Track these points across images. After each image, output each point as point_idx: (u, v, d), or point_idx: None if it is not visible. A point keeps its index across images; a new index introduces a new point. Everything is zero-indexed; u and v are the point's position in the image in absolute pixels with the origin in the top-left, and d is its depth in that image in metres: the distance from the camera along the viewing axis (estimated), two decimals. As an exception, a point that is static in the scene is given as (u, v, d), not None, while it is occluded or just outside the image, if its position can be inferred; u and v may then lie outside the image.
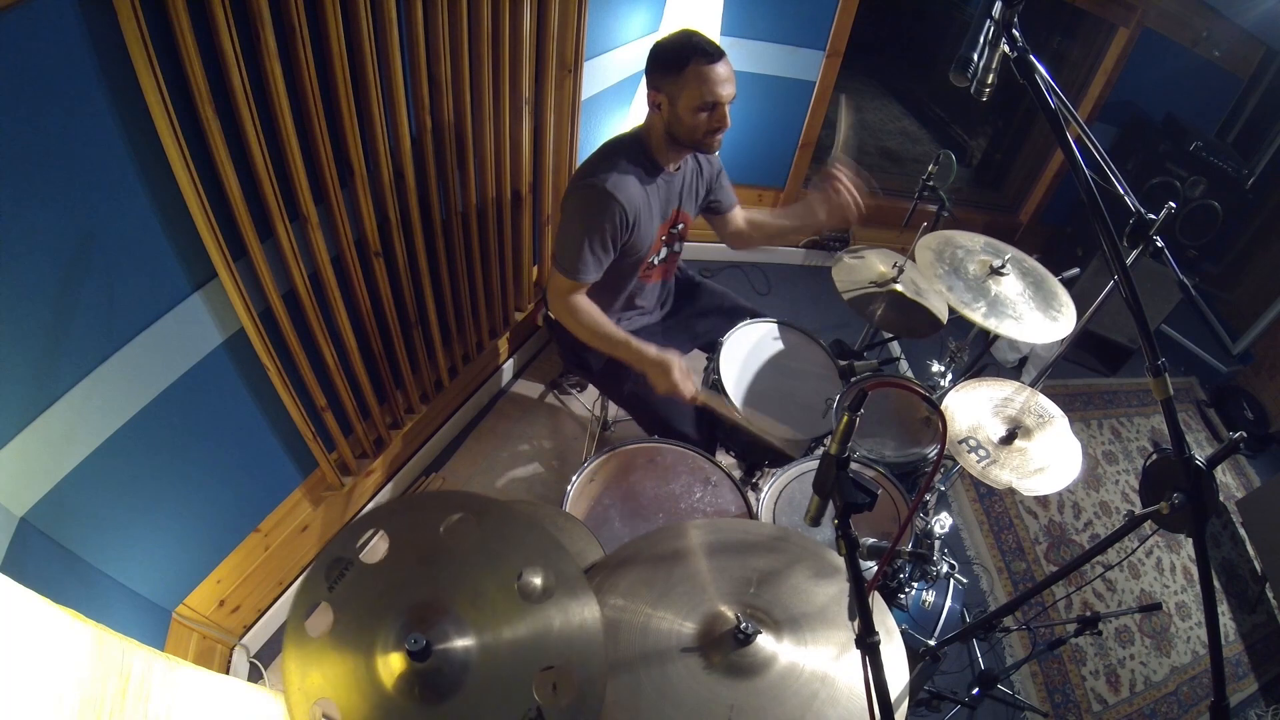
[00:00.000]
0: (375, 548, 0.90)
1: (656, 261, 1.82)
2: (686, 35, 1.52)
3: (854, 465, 1.62)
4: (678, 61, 1.49)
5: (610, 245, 1.60)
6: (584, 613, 0.90)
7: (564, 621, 0.90)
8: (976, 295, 1.76)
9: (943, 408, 1.61)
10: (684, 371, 1.60)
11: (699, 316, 2.04)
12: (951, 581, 1.56)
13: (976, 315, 1.70)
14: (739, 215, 1.96)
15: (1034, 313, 1.76)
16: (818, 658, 0.99)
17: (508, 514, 0.97)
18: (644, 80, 1.60)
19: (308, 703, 0.79)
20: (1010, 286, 1.81)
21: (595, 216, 1.56)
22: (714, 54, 1.48)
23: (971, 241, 1.93)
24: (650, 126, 1.61)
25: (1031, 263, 1.94)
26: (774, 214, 1.99)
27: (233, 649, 1.69)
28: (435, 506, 0.96)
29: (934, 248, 1.86)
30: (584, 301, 1.66)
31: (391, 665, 0.81)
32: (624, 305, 1.87)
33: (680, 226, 1.82)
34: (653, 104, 1.57)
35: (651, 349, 1.61)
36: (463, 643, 0.84)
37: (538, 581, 0.92)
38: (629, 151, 1.62)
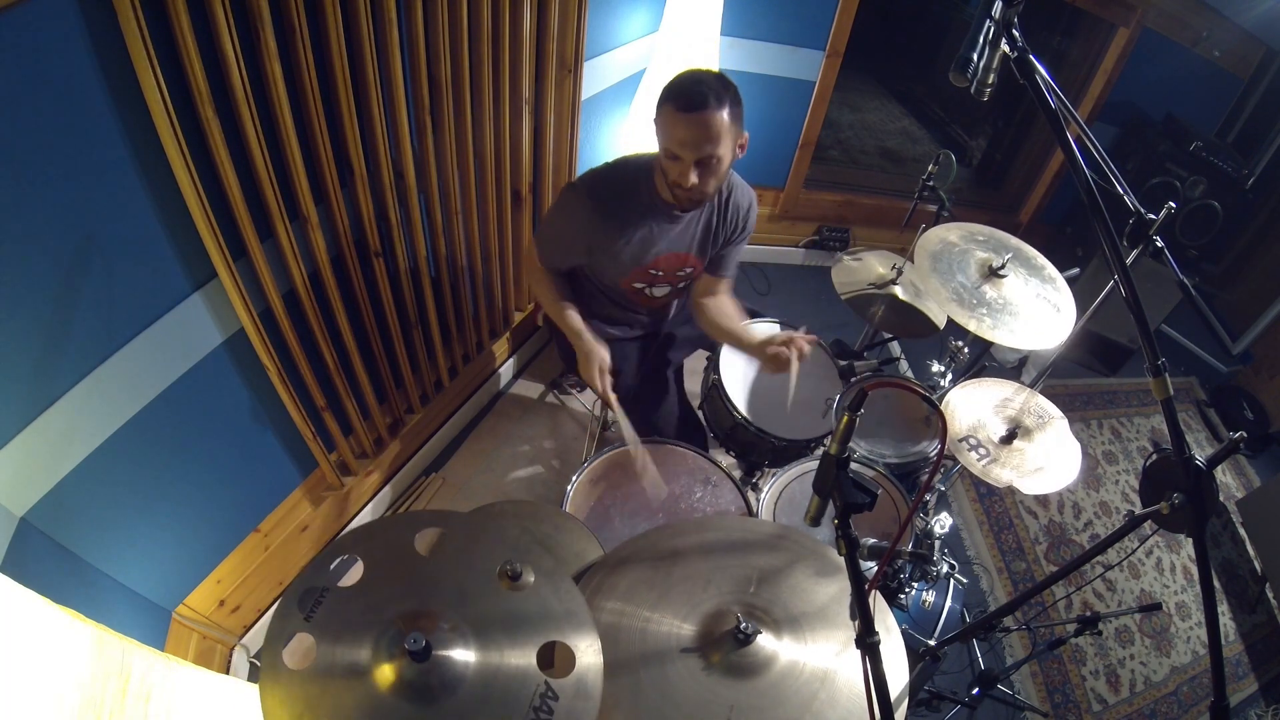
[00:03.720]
0: (351, 571, 0.89)
1: (652, 294, 1.74)
2: (685, 76, 1.40)
3: (854, 465, 1.62)
4: (660, 98, 1.40)
5: (572, 253, 1.67)
6: (564, 588, 0.93)
7: (551, 600, 0.91)
8: (978, 304, 1.73)
9: (942, 407, 1.60)
10: (604, 370, 1.62)
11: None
12: (951, 581, 1.56)
13: (981, 328, 1.68)
14: (716, 289, 1.75)
15: (1042, 310, 1.74)
16: (818, 657, 0.99)
17: (474, 519, 0.98)
18: None
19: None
20: (1013, 287, 1.79)
21: (566, 224, 1.61)
22: (688, 104, 1.34)
23: (965, 241, 1.90)
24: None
25: (1031, 252, 1.91)
26: (729, 320, 1.71)
27: (233, 649, 1.69)
28: (404, 526, 0.96)
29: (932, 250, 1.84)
30: (543, 267, 1.72)
31: (387, 676, 0.80)
32: (622, 319, 1.86)
33: (688, 270, 1.71)
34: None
35: (587, 337, 1.63)
36: (458, 639, 0.84)
37: (520, 570, 0.92)
38: (633, 176, 1.55)
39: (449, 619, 0.86)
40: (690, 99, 1.35)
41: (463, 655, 0.83)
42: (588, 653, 0.88)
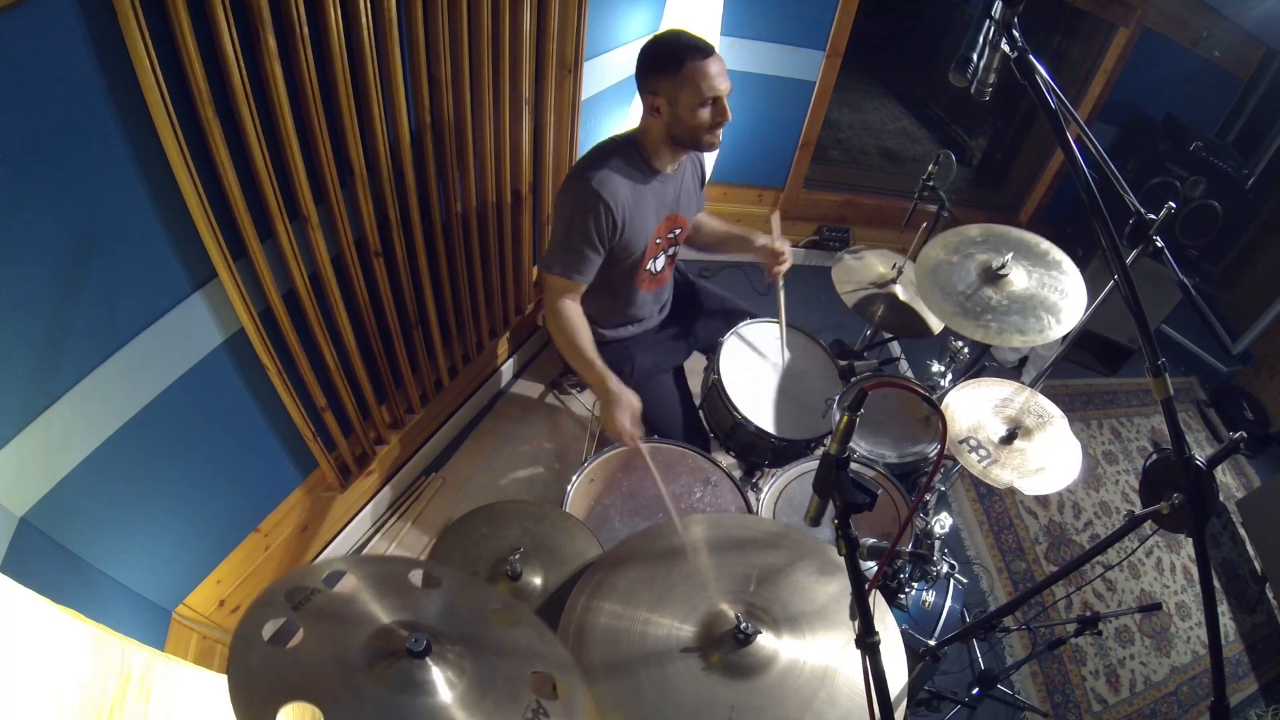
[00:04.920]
0: (343, 583, 0.88)
1: (655, 269, 1.80)
2: (675, 35, 1.51)
3: (854, 465, 1.62)
4: (673, 61, 1.48)
5: (598, 244, 1.59)
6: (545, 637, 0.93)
7: (538, 645, 0.91)
8: (977, 312, 1.73)
9: (942, 408, 1.60)
10: (635, 419, 1.58)
11: (698, 320, 2.04)
12: (951, 581, 1.56)
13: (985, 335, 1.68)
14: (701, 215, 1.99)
15: (1050, 300, 1.73)
16: (818, 657, 0.99)
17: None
18: (637, 84, 1.58)
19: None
20: (1018, 282, 1.78)
21: (581, 214, 1.55)
22: (707, 50, 1.48)
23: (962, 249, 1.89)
24: (646, 129, 1.60)
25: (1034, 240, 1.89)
26: (720, 222, 2.01)
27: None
28: (398, 565, 0.95)
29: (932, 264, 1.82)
30: (573, 310, 1.64)
31: (377, 675, 0.78)
32: (624, 317, 1.86)
33: (678, 231, 1.81)
34: (650, 108, 1.55)
35: (615, 382, 1.59)
36: (451, 658, 0.83)
37: (519, 569, 0.92)
38: (622, 152, 1.61)
39: (442, 636, 0.84)
40: (703, 46, 1.49)
41: (455, 669, 0.82)
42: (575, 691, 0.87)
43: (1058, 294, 1.74)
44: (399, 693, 0.78)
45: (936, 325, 1.96)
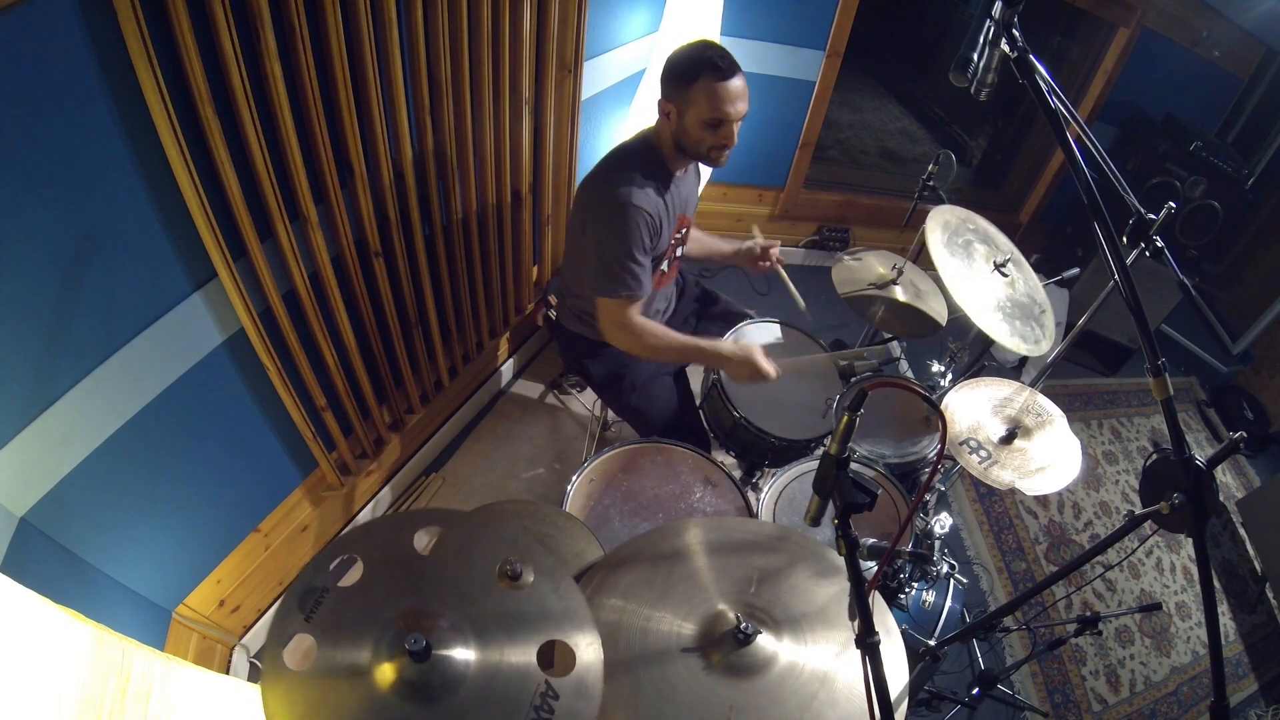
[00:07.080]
0: (351, 571, 0.89)
1: (666, 267, 1.81)
2: (702, 46, 1.48)
3: (854, 465, 1.62)
4: (689, 74, 1.46)
5: (649, 253, 1.59)
6: (564, 586, 0.94)
7: (551, 598, 0.92)
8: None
9: (943, 408, 1.60)
10: (764, 357, 1.61)
11: (699, 321, 2.04)
12: (951, 581, 1.56)
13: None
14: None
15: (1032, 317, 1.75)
16: (818, 658, 0.99)
17: (474, 517, 0.99)
18: (656, 86, 1.57)
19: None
20: (1015, 286, 1.80)
21: (628, 230, 1.53)
22: (726, 70, 1.44)
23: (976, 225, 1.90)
24: (659, 132, 1.59)
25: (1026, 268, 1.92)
26: (704, 236, 2.01)
27: (233, 649, 1.69)
28: (403, 524, 0.96)
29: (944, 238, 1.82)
30: (641, 320, 1.63)
31: (387, 675, 0.80)
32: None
33: (684, 231, 1.81)
34: (662, 112, 1.54)
35: (727, 345, 1.65)
36: (458, 638, 0.84)
37: (519, 569, 0.92)
38: (642, 158, 1.59)
39: (449, 618, 0.86)
40: (724, 66, 1.45)
41: (463, 654, 0.83)
42: (588, 650, 0.88)
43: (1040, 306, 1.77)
44: (409, 700, 0.79)
45: (942, 317, 1.95)
